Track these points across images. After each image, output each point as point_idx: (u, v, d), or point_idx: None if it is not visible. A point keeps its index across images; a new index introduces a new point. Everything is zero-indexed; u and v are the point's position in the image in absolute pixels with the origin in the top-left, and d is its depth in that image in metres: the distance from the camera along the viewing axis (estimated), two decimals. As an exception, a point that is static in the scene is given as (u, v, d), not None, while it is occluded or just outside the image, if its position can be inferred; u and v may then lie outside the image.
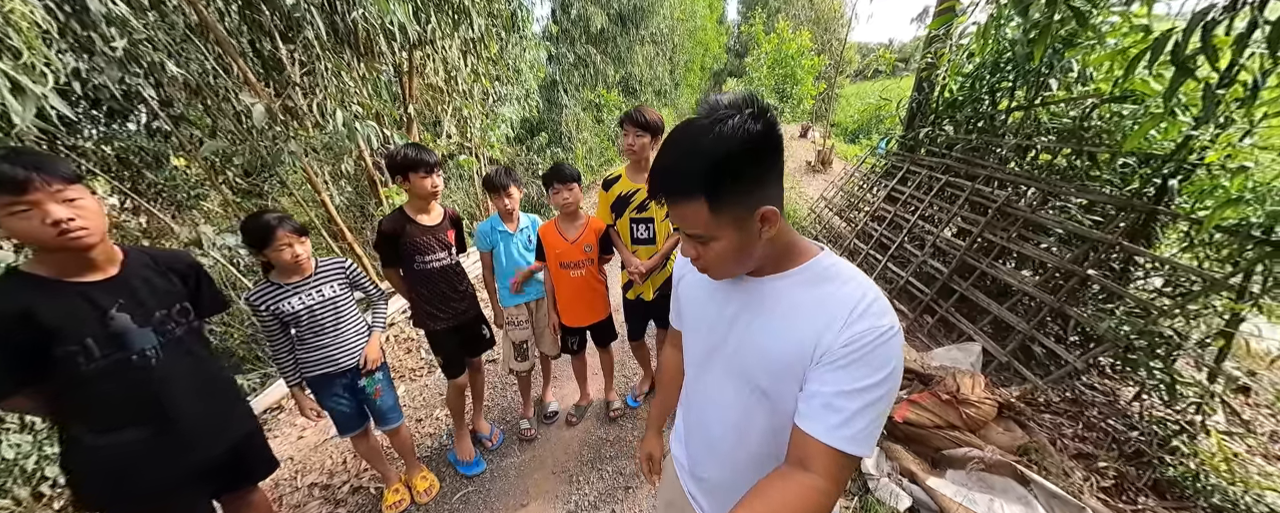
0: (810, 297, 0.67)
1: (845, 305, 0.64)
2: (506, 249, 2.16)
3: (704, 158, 0.59)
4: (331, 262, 1.75)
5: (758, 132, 0.59)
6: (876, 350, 0.61)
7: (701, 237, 0.64)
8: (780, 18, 14.22)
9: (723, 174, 0.59)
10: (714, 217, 0.62)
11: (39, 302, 1.00)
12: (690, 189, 0.61)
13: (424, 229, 1.89)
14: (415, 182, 1.79)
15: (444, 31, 3.84)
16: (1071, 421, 2.19)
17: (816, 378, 0.64)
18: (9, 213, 0.93)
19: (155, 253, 1.26)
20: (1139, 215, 2.15)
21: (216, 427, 1.28)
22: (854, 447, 0.61)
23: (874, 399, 0.61)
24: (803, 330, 0.65)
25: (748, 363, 0.72)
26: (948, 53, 3.84)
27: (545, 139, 9.48)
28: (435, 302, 1.99)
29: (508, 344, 2.32)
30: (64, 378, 1.03)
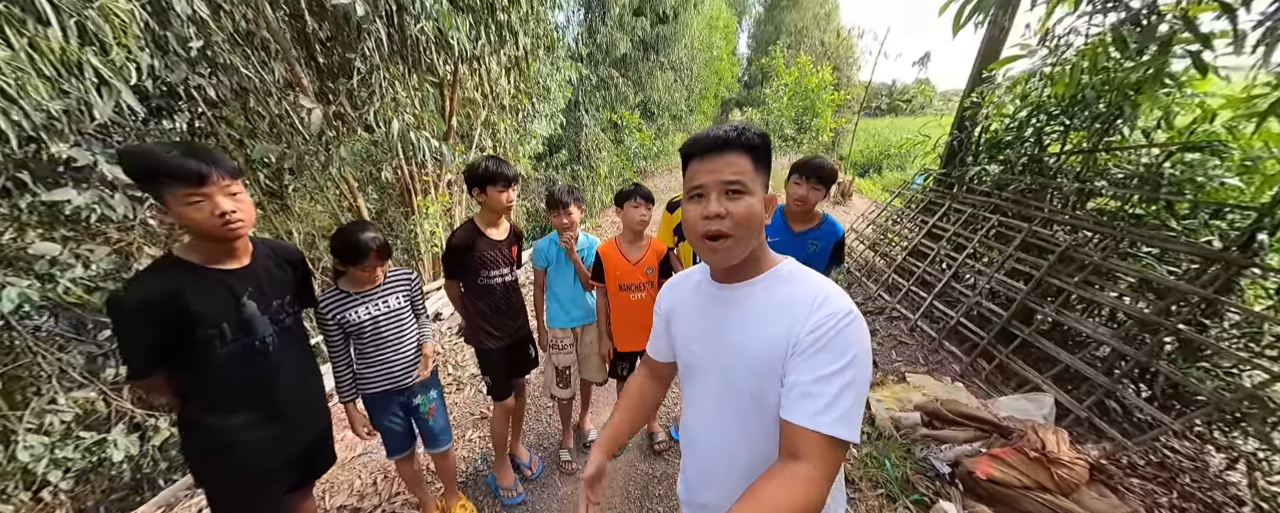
0: (776, 297, 0.75)
1: (805, 300, 0.71)
2: (562, 270, 2.07)
3: (751, 131, 0.74)
4: (399, 272, 1.67)
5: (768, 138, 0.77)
6: (839, 334, 0.67)
7: (741, 186, 0.72)
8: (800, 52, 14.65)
9: (761, 145, 0.75)
10: (754, 172, 0.73)
11: (189, 286, 1.05)
12: (741, 145, 0.73)
13: (493, 243, 1.82)
14: (492, 195, 1.73)
15: (492, 48, 3.87)
16: (1164, 488, 2.02)
17: (792, 369, 0.69)
18: (186, 202, 0.99)
19: (273, 244, 1.30)
20: (1231, 268, 2.05)
21: (311, 417, 1.35)
22: (838, 429, 0.64)
23: (848, 381, 0.66)
24: (774, 328, 0.72)
25: (732, 369, 0.78)
26: (994, 94, 3.84)
27: (565, 157, 9.54)
28: (494, 318, 1.89)
29: (551, 368, 2.18)
30: (200, 359, 1.08)
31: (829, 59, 22.30)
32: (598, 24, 10.96)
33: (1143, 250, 2.56)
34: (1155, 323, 2.18)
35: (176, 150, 0.98)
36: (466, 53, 3.58)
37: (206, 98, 2.72)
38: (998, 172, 3.74)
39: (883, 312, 3.90)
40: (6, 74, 1.30)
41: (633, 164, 11.39)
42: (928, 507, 1.96)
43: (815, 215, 1.85)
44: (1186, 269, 2.41)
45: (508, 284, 1.88)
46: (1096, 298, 2.51)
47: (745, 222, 0.72)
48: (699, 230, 0.74)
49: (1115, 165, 2.80)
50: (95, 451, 2.27)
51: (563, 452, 2.35)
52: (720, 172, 0.73)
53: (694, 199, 0.76)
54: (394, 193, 4.04)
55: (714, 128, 0.75)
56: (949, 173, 4.27)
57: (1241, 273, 2.14)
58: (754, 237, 0.75)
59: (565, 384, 2.18)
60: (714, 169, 0.73)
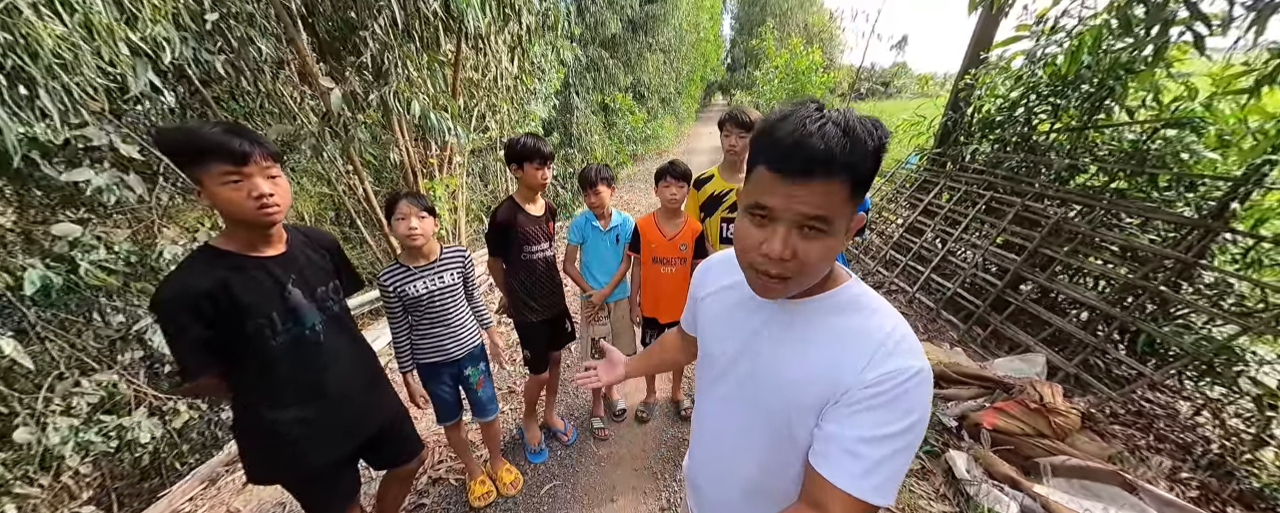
0: (835, 325, 0.64)
1: (872, 340, 0.60)
2: (596, 246, 2.14)
3: (866, 140, 0.53)
4: (454, 249, 1.73)
5: (887, 133, 0.55)
6: (905, 394, 0.57)
7: (823, 223, 0.55)
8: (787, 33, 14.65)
9: (874, 159, 0.54)
10: (848, 203, 0.55)
11: (234, 276, 1.00)
12: (841, 169, 0.52)
13: (532, 219, 1.88)
14: (529, 171, 1.78)
15: (498, 26, 3.80)
16: (1142, 432, 2.26)
17: (837, 418, 0.60)
18: (223, 181, 0.94)
19: (305, 230, 1.25)
20: (1208, 234, 2.26)
21: (370, 407, 1.30)
22: (877, 497, 0.57)
23: (900, 447, 0.57)
24: (824, 360, 0.62)
25: (761, 387, 0.69)
26: (987, 76, 3.99)
27: (557, 139, 9.43)
28: (536, 293, 1.97)
29: (586, 340, 2.28)
30: (254, 352, 1.03)
31: (812, 42, 22.33)
32: (587, 3, 10.71)
33: (1125, 221, 2.78)
34: (1139, 286, 2.39)
35: (218, 128, 0.94)
36: (478, 30, 3.51)
37: (208, 75, 2.63)
38: (990, 150, 3.92)
39: (881, 286, 4.10)
40: (63, 50, 1.27)
41: (626, 148, 11.33)
42: (938, 456, 2.15)
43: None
44: (1165, 237, 2.64)
45: (547, 259, 1.96)
46: (1085, 266, 2.72)
47: (815, 265, 0.58)
48: (753, 263, 0.60)
49: (1102, 142, 2.99)
50: (116, 434, 2.27)
51: (595, 420, 2.47)
52: (805, 203, 0.54)
53: (756, 217, 0.58)
54: (398, 175, 3.98)
55: (808, 125, 0.53)
56: (944, 152, 4.44)
57: (1215, 239, 2.36)
58: (821, 276, 0.62)
59: (599, 354, 2.28)
60: (795, 195, 0.54)
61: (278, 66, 3.03)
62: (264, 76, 2.73)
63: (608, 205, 2.06)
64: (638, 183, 10.82)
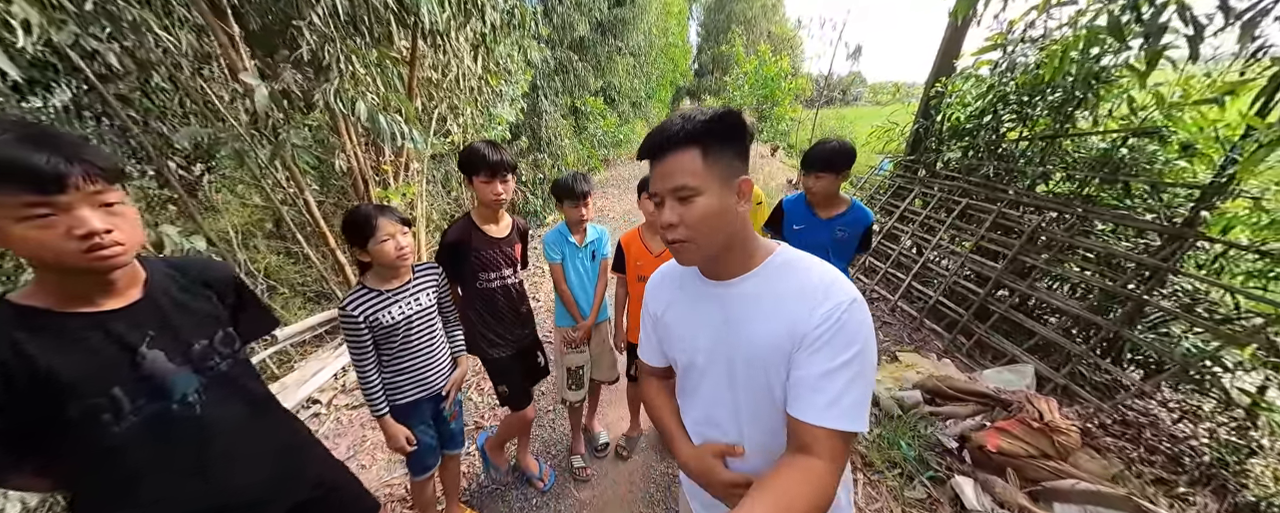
0: (779, 289, 0.71)
1: (809, 291, 0.68)
2: (571, 265, 1.89)
3: (698, 117, 0.68)
4: (426, 266, 1.46)
5: (736, 112, 0.69)
6: (845, 325, 0.65)
7: (690, 189, 0.67)
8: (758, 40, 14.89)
9: (714, 128, 0.67)
10: (706, 167, 0.67)
11: (40, 344, 0.70)
12: (685, 140, 0.67)
13: (491, 241, 1.60)
14: (478, 187, 1.51)
15: (458, 23, 3.49)
16: (1132, 444, 2.25)
17: (799, 364, 0.68)
18: (24, 216, 0.64)
19: (179, 263, 0.91)
20: (1178, 242, 2.29)
21: (284, 482, 0.97)
22: (846, 422, 0.64)
23: (855, 373, 0.65)
24: (779, 323, 0.69)
25: (738, 367, 0.75)
26: (956, 84, 4.05)
27: (526, 143, 9.07)
28: (497, 325, 1.70)
29: (562, 371, 2.02)
30: (86, 445, 0.74)
31: (779, 50, 22.91)
32: (554, 3, 10.42)
33: (1098, 227, 2.81)
34: (1121, 294, 2.39)
35: (10, 135, 0.63)
36: (435, 26, 3.20)
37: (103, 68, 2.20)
38: (961, 157, 3.97)
39: (863, 294, 4.07)
40: None
41: (598, 152, 11.08)
42: (943, 482, 2.05)
43: (841, 201, 1.81)
44: (1139, 245, 2.68)
45: (511, 287, 1.69)
46: (1065, 274, 2.72)
47: (700, 225, 0.68)
48: (663, 238, 0.73)
49: (1072, 150, 3.05)
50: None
51: (575, 458, 2.22)
52: (669, 175, 0.69)
53: (654, 204, 0.73)
54: (347, 183, 3.57)
55: (660, 125, 0.70)
56: (916, 158, 4.48)
57: (1191, 246, 2.39)
58: (720, 234, 0.71)
59: (577, 386, 2.03)
60: (662, 174, 0.70)
61: (202, 60, 2.61)
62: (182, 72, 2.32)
63: (583, 218, 1.82)
64: (610, 188, 10.60)
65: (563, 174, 1.84)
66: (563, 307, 1.93)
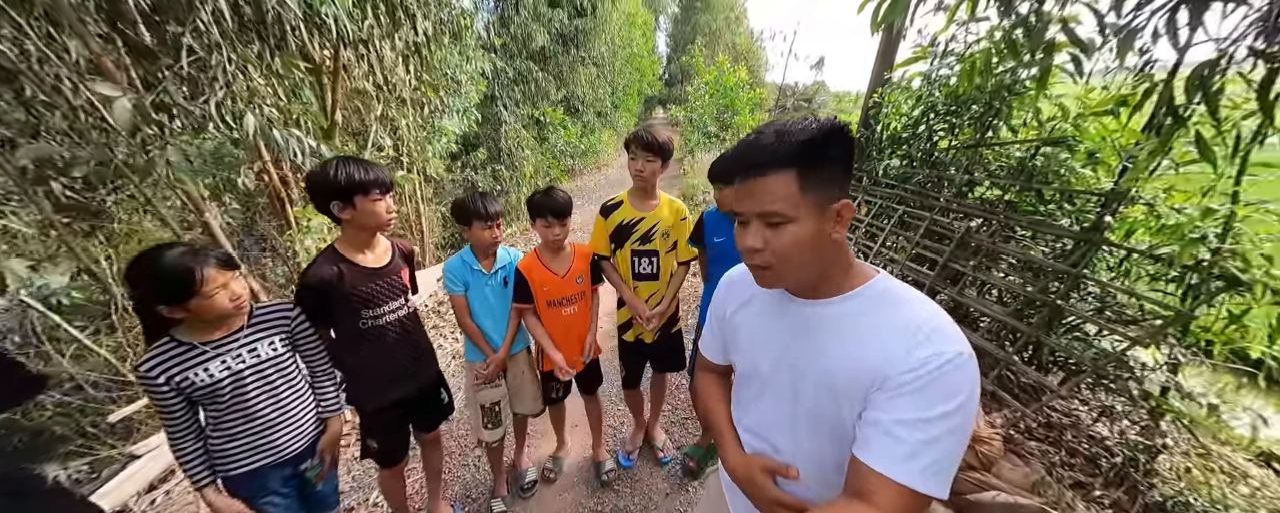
0: (873, 321, 0.66)
1: (908, 328, 0.62)
2: (479, 294, 1.74)
3: (798, 134, 0.61)
4: (272, 307, 1.26)
5: (843, 125, 0.62)
6: (944, 377, 0.59)
7: (781, 217, 0.62)
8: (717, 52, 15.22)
9: (817, 148, 0.61)
10: (802, 193, 0.61)
11: None
12: (781, 162, 0.61)
13: (370, 272, 1.42)
14: (362, 207, 1.31)
15: (383, 31, 3.32)
16: (1053, 446, 2.29)
17: (878, 405, 0.62)
18: None
19: None
20: (1087, 247, 2.37)
21: None
22: (922, 483, 0.57)
23: (943, 431, 0.58)
24: (866, 354, 0.64)
25: (810, 392, 0.70)
26: (892, 95, 4.17)
27: (483, 156, 8.84)
28: (390, 370, 1.51)
29: (475, 408, 1.85)
30: None
31: (741, 60, 23.58)
32: (511, 13, 10.30)
33: (1018, 233, 2.90)
34: (1036, 297, 2.45)
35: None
36: (348, 35, 3.01)
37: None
38: (899, 165, 4.08)
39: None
40: None
41: (560, 163, 10.94)
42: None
43: None
44: (1052, 248, 2.77)
45: (404, 320, 1.51)
46: (990, 279, 2.79)
47: (789, 254, 0.64)
48: (744, 260, 0.69)
49: (994, 159, 3.16)
50: None
51: (496, 502, 2.05)
52: (753, 201, 0.64)
53: (738, 222, 0.69)
54: (259, 203, 3.30)
55: (748, 139, 0.65)
56: (859, 167, 4.59)
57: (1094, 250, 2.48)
58: (811, 264, 0.66)
59: (494, 424, 1.87)
60: (747, 195, 0.64)
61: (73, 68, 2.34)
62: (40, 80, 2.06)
63: (495, 241, 1.69)
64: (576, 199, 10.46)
65: (526, 186, 1.72)
66: (470, 342, 1.78)
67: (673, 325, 2.05)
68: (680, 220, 1.91)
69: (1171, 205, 2.01)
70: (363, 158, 1.36)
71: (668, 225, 1.86)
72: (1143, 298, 1.94)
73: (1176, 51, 1.51)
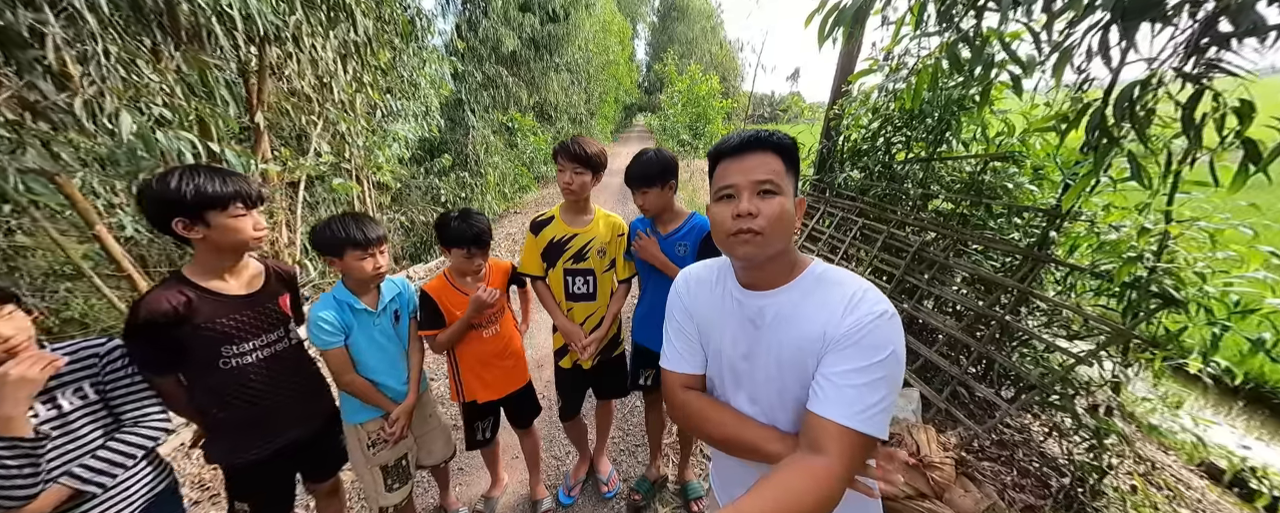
0: (815, 298, 0.74)
1: (841, 300, 0.71)
2: (370, 338, 1.42)
3: (782, 135, 0.76)
4: (76, 346, 1.05)
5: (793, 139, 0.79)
6: (874, 332, 0.68)
7: (773, 186, 0.72)
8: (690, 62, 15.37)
9: (793, 149, 0.77)
10: (785, 172, 0.74)
11: None
12: (771, 147, 0.74)
13: (227, 302, 1.19)
14: (218, 225, 1.10)
15: (314, 29, 3.08)
16: (1006, 467, 2.24)
17: (823, 365, 0.70)
18: None
19: None
20: (1033, 263, 2.36)
21: None
22: (864, 424, 0.65)
23: (878, 377, 0.66)
24: (813, 328, 0.72)
25: (773, 370, 0.77)
26: (852, 107, 4.19)
27: (448, 162, 8.53)
28: (259, 416, 1.27)
29: (375, 473, 1.52)
30: None
31: (717, 69, 23.97)
32: (479, 16, 10.07)
33: (972, 248, 2.90)
34: (988, 315, 2.43)
35: None
36: (271, 31, 2.77)
37: None
38: (860, 177, 4.08)
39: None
40: None
41: (530, 170, 10.70)
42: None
43: (678, 215, 1.65)
44: (1003, 263, 2.77)
45: (283, 355, 1.29)
46: (944, 295, 2.76)
47: (777, 222, 0.71)
48: (729, 229, 0.74)
49: (947, 173, 3.17)
50: None
51: None
52: (752, 170, 0.73)
53: (723, 200, 0.76)
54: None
55: (742, 130, 0.76)
56: (821, 178, 4.58)
57: (1042, 266, 2.48)
58: (785, 238, 0.74)
59: (401, 482, 1.57)
60: (746, 168, 0.73)
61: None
62: None
63: (378, 272, 1.38)
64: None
65: (491, 193, 1.47)
66: (353, 400, 1.45)
67: (615, 349, 1.90)
68: (618, 236, 1.77)
69: (1109, 222, 2.01)
70: (216, 167, 1.15)
71: (604, 241, 1.72)
72: (1082, 315, 1.91)
73: (1110, 70, 1.48)
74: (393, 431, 1.45)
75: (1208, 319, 1.66)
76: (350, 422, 1.45)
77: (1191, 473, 2.86)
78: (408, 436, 1.56)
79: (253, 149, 3.15)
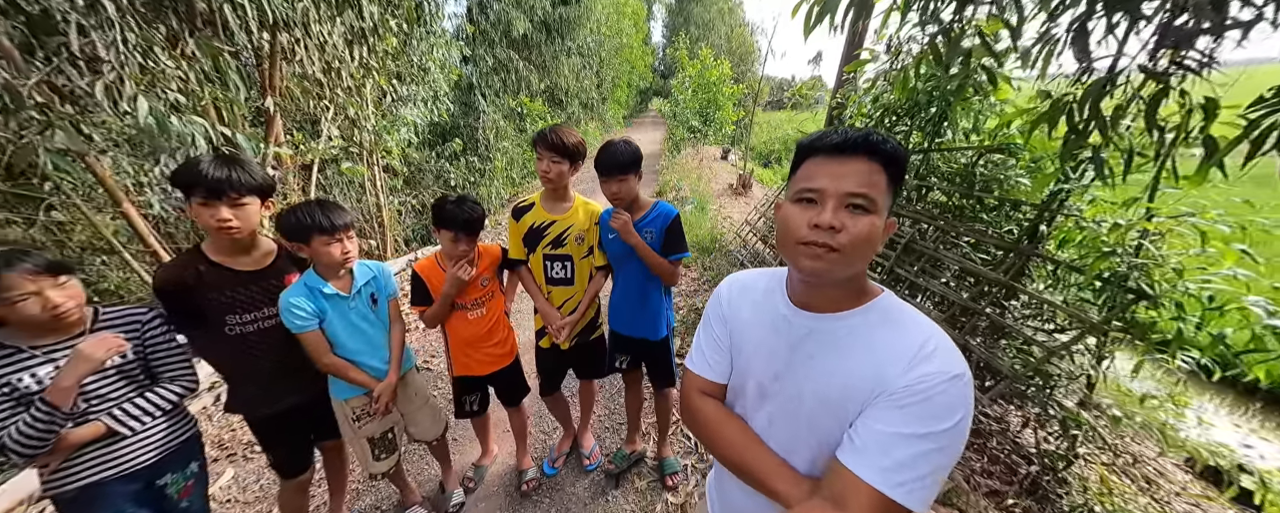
0: (876, 337, 0.66)
1: (911, 346, 0.63)
2: (344, 321, 1.48)
3: (894, 143, 0.64)
4: (122, 313, 1.19)
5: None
6: (944, 395, 0.59)
7: (866, 201, 0.62)
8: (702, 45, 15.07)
9: (902, 161, 0.65)
10: (886, 188, 0.63)
11: None
12: (881, 154, 0.62)
13: (233, 277, 1.32)
14: (194, 210, 1.21)
15: (320, 15, 3.17)
16: (977, 454, 2.30)
17: (871, 415, 0.62)
18: None
19: None
20: (1021, 257, 2.37)
21: None
22: (904, 495, 0.57)
23: (932, 449, 0.58)
24: (866, 369, 0.64)
25: (807, 403, 0.70)
26: (855, 95, 4.13)
27: (459, 146, 8.65)
28: (261, 380, 1.42)
29: (361, 444, 1.63)
30: None
31: (732, 54, 23.38)
32: (490, 1, 10.03)
33: (963, 241, 2.90)
34: (972, 308, 2.45)
35: None
36: (279, 17, 2.87)
37: None
38: (859, 168, 4.05)
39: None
40: None
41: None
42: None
43: (643, 204, 1.72)
44: (994, 256, 2.77)
45: (280, 327, 1.41)
46: (932, 286, 2.78)
47: (863, 243, 0.62)
48: (801, 236, 0.64)
49: (944, 164, 3.14)
50: None
51: (413, 511, 1.98)
52: (847, 178, 0.62)
53: (803, 203, 0.65)
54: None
55: (851, 127, 0.66)
56: (822, 168, 4.56)
57: (1031, 259, 2.48)
58: (864, 262, 0.65)
59: (387, 452, 1.71)
60: (840, 173, 0.62)
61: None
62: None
63: (346, 257, 1.42)
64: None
65: (499, 178, 1.54)
66: (339, 378, 1.53)
67: (593, 331, 2.00)
68: (596, 223, 1.85)
69: (1091, 217, 2.00)
70: (232, 158, 1.26)
71: (582, 228, 1.80)
72: (1058, 308, 1.93)
73: (1079, 63, 1.48)
74: (378, 407, 1.56)
75: (1177, 314, 1.67)
76: (337, 398, 1.57)
77: (1177, 468, 2.86)
78: (392, 411, 1.68)
79: (265, 133, 3.30)
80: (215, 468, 2.28)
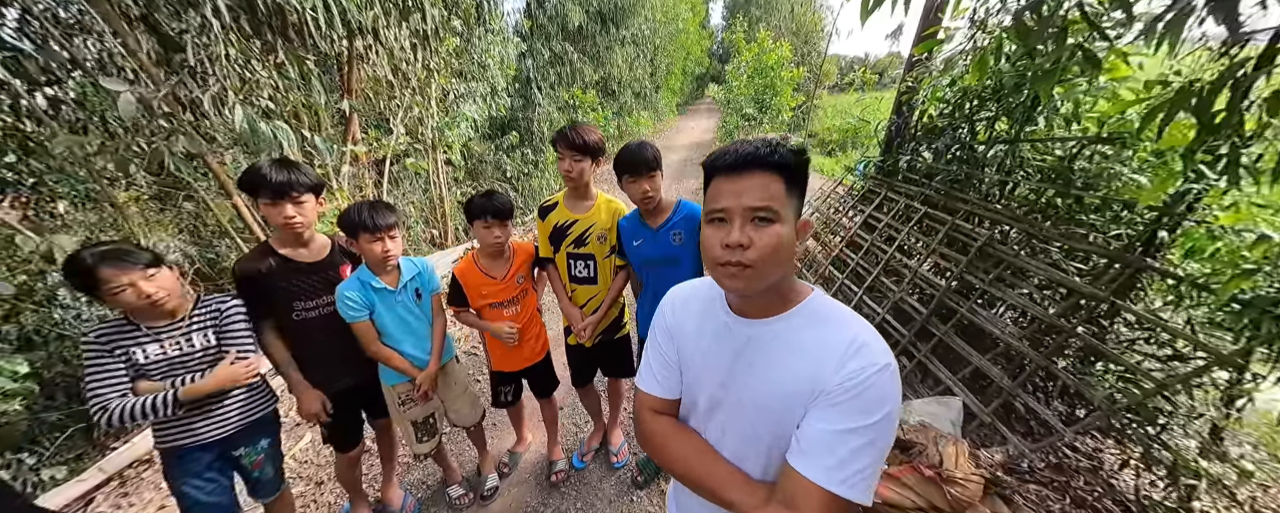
0: (808, 338, 0.69)
1: (840, 344, 0.66)
2: (391, 313, 1.61)
3: (784, 147, 0.68)
4: (214, 302, 1.38)
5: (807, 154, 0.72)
6: (873, 388, 0.63)
7: (769, 212, 0.65)
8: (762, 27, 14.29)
9: (797, 165, 0.68)
10: (787, 196, 0.67)
11: None
12: (772, 164, 0.66)
13: (297, 268, 1.48)
14: (262, 210, 1.39)
15: (388, 21, 3.41)
16: (1058, 494, 2.01)
17: (813, 415, 0.65)
18: None
19: None
20: (1131, 269, 2.00)
21: None
22: (847, 490, 0.61)
23: (868, 440, 0.62)
24: (802, 371, 0.67)
25: (749, 410, 0.73)
26: (930, 78, 3.70)
27: (516, 138, 9.01)
28: (322, 361, 1.58)
29: (406, 425, 1.80)
30: None
31: (797, 34, 21.88)
32: (546, -6, 10.22)
33: (1053, 246, 2.51)
34: (1058, 326, 2.13)
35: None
36: (356, 25, 3.13)
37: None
38: (930, 159, 3.65)
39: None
40: None
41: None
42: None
43: (665, 206, 1.67)
44: (1093, 265, 2.37)
45: (336, 315, 1.56)
46: (1008, 298, 2.45)
47: (772, 254, 0.66)
48: (717, 258, 0.68)
49: (1035, 157, 2.72)
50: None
51: (453, 488, 2.13)
52: (746, 194, 0.66)
53: (714, 223, 0.70)
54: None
55: (743, 141, 0.69)
56: (886, 161, 4.17)
57: (1142, 272, 2.09)
58: (780, 270, 0.68)
59: (428, 435, 1.85)
60: (739, 191, 0.66)
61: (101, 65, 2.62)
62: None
63: (387, 255, 1.52)
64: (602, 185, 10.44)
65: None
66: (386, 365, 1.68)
67: (618, 330, 2.00)
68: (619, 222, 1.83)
69: (1227, 224, 1.62)
70: (290, 162, 1.40)
71: (605, 227, 1.79)
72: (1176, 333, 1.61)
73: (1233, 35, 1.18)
74: (419, 394, 1.70)
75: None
76: (385, 383, 1.73)
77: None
78: (433, 398, 1.81)
79: (344, 133, 3.64)
80: (297, 432, 2.61)
